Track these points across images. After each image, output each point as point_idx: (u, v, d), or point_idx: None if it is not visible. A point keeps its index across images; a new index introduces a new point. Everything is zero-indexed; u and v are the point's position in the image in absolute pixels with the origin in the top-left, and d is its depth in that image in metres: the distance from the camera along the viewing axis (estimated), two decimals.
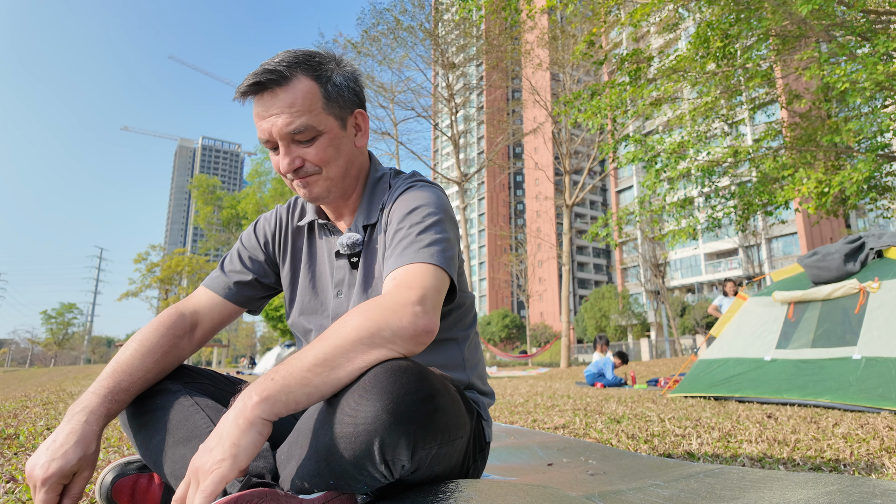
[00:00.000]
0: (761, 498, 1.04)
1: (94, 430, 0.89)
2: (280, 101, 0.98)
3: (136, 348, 1.00)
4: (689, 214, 10.15)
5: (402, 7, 19.13)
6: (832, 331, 3.75)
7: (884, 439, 2.06)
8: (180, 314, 1.10)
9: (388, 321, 0.81)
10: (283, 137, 0.99)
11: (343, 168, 1.07)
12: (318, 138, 1.01)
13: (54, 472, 0.83)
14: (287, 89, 0.98)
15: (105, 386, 0.94)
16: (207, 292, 1.17)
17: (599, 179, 20.94)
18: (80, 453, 0.86)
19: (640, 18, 8.93)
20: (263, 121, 0.99)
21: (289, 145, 1.00)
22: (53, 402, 3.94)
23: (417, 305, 0.84)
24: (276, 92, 0.98)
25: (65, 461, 0.84)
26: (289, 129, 0.98)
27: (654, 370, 11.06)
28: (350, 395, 0.78)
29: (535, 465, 1.66)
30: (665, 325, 25.88)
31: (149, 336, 1.02)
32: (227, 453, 0.70)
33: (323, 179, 1.04)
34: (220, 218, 39.02)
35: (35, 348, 70.22)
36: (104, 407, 0.92)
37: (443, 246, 0.97)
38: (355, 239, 1.09)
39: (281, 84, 0.98)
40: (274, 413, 0.74)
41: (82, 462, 0.86)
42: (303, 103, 0.98)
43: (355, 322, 0.81)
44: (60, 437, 0.86)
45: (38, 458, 0.84)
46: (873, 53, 6.72)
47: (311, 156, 1.01)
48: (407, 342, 0.82)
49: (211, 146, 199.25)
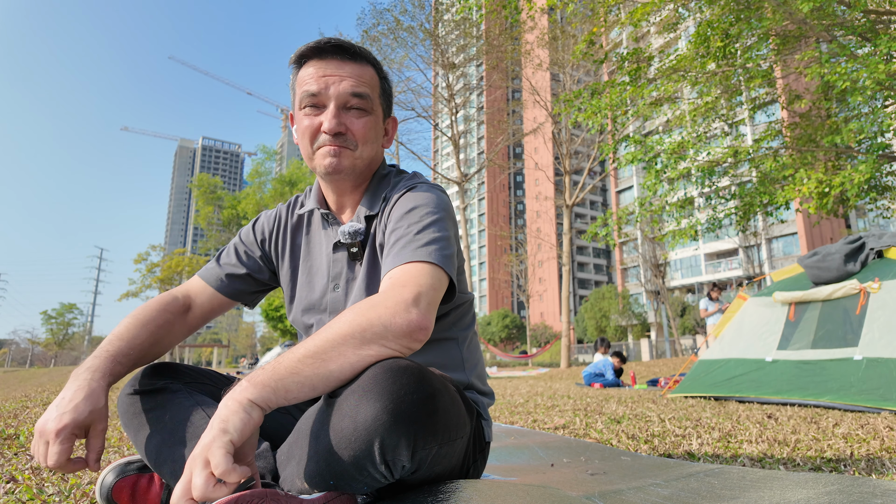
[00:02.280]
0: (761, 498, 1.04)
1: (102, 385, 0.91)
2: (349, 68, 1.05)
3: (131, 321, 1.04)
4: (689, 215, 10.16)
5: (402, 7, 19.12)
6: (833, 331, 3.75)
7: (884, 439, 2.06)
8: (174, 296, 1.14)
9: (379, 317, 0.81)
10: (341, 98, 1.03)
11: (371, 155, 1.11)
12: (368, 115, 1.06)
13: (68, 423, 0.84)
14: (357, 65, 1.06)
15: (106, 350, 0.97)
16: (200, 282, 1.19)
17: (599, 179, 20.94)
18: (91, 406, 0.87)
19: (640, 18, 8.94)
20: (323, 77, 1.03)
21: (339, 109, 1.03)
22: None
23: (412, 303, 0.84)
24: (345, 61, 1.05)
25: (77, 413, 0.85)
26: (354, 89, 1.03)
27: (654, 370, 11.06)
28: (350, 396, 0.78)
29: (535, 465, 1.66)
30: (665, 326, 25.87)
31: (143, 310, 1.07)
32: (217, 430, 0.69)
33: (355, 157, 1.07)
34: (221, 218, 39.06)
35: (35, 348, 70.22)
36: (108, 366, 0.94)
37: (440, 244, 0.97)
38: (357, 227, 1.09)
39: (355, 58, 1.06)
40: (264, 398, 0.73)
41: (94, 415, 0.87)
42: (369, 81, 1.07)
43: (347, 317, 0.81)
44: (68, 393, 0.87)
45: (49, 415, 0.85)
46: (875, 53, 6.73)
47: (357, 127, 1.05)
48: (400, 339, 0.82)
49: (211, 146, 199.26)
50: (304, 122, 1.05)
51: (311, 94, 1.03)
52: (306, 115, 1.05)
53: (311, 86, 1.03)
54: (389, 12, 19.01)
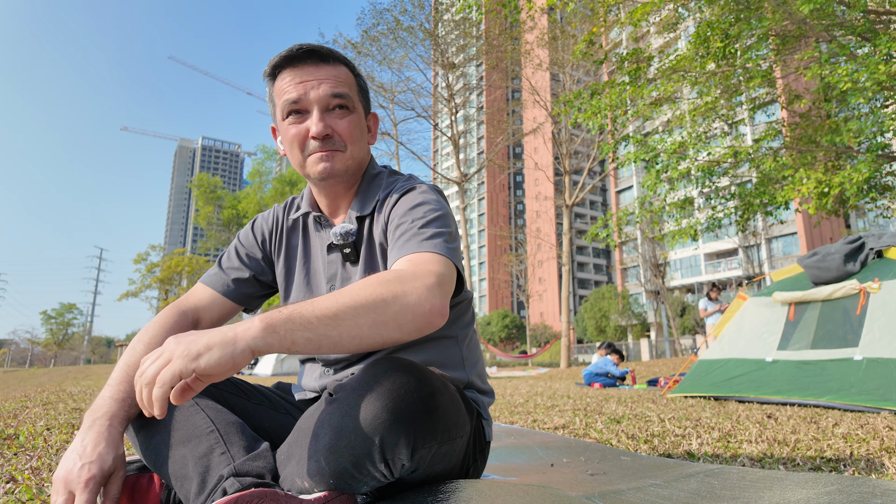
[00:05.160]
0: (761, 498, 1.04)
1: (120, 431, 0.90)
2: (324, 71, 1.04)
3: (144, 351, 1.00)
4: (689, 215, 10.16)
5: (402, 7, 19.09)
6: (833, 332, 3.75)
7: (884, 439, 2.06)
8: (182, 312, 1.10)
9: (405, 293, 0.80)
10: (322, 101, 1.03)
11: (361, 154, 1.11)
12: (351, 114, 1.07)
13: (95, 474, 0.82)
14: (331, 67, 1.06)
15: (122, 391, 0.94)
16: (206, 289, 1.17)
17: (599, 179, 20.95)
18: (114, 454, 0.86)
19: (640, 18, 8.93)
20: (300, 84, 1.03)
21: (322, 112, 1.04)
22: (53, 403, 3.94)
23: (435, 286, 0.84)
24: (320, 65, 1.04)
25: (102, 462, 0.84)
26: (333, 90, 1.03)
27: (654, 370, 11.06)
28: (350, 395, 0.78)
29: (535, 465, 1.66)
30: (665, 326, 25.87)
31: (156, 338, 1.02)
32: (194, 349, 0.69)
33: (346, 157, 1.07)
34: (221, 218, 39.07)
35: (35, 349, 70.16)
36: (123, 412, 0.92)
37: (446, 237, 0.98)
38: (349, 229, 1.09)
39: (327, 60, 1.06)
40: (266, 344, 0.71)
41: (115, 462, 0.86)
42: (346, 80, 1.07)
43: (373, 288, 0.79)
44: (90, 441, 0.86)
45: (72, 464, 0.83)
46: (874, 53, 6.72)
47: (342, 128, 1.05)
48: (416, 320, 0.80)
49: (211, 146, 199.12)
50: (291, 130, 1.04)
51: (293, 101, 1.02)
52: (291, 123, 1.04)
53: (290, 94, 1.02)
54: (389, 12, 19.01)
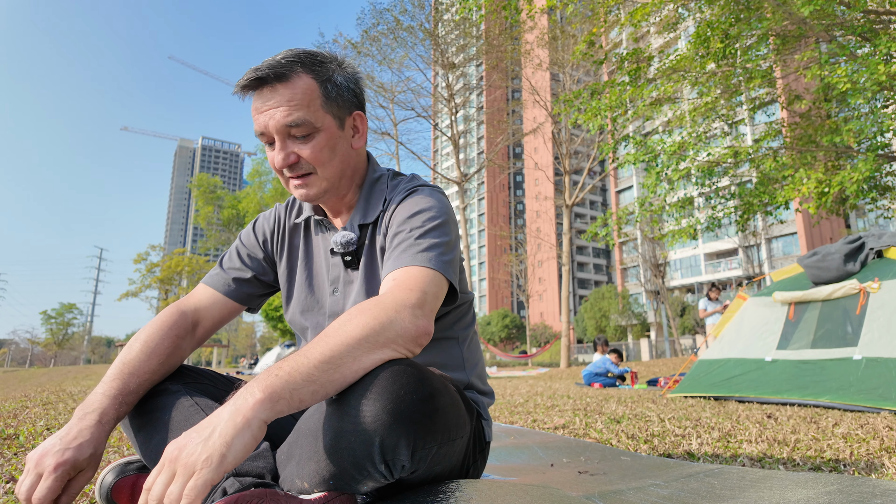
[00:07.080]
0: (761, 498, 1.04)
1: (106, 430, 0.89)
2: (279, 95, 0.98)
3: (140, 349, 0.99)
4: (689, 215, 10.16)
5: (402, 7, 19.10)
6: (833, 331, 3.75)
7: (884, 439, 2.06)
8: (182, 312, 1.09)
9: (392, 321, 0.81)
10: (280, 131, 0.98)
11: (339, 169, 1.06)
12: (315, 136, 1.00)
13: (68, 460, 0.82)
14: (287, 85, 0.98)
15: (115, 388, 0.94)
16: (208, 290, 1.17)
17: (599, 179, 20.94)
18: (91, 450, 0.85)
19: (640, 18, 8.93)
20: (261, 114, 0.99)
21: (284, 140, 1.00)
22: (53, 403, 3.93)
23: (417, 307, 0.85)
24: (276, 87, 0.98)
25: (79, 453, 0.83)
26: (286, 120, 0.97)
27: (654, 370, 11.06)
28: (350, 396, 0.78)
29: (535, 465, 1.66)
30: (665, 325, 25.89)
31: (153, 336, 1.02)
32: (217, 452, 0.65)
33: (319, 180, 1.04)
34: (221, 218, 39.05)
35: (35, 348, 70.17)
36: (114, 410, 0.92)
37: (441, 250, 0.97)
38: (349, 238, 1.09)
39: (281, 80, 0.98)
40: (276, 412, 0.70)
41: (91, 459, 0.86)
42: (302, 98, 0.98)
43: (360, 321, 0.80)
44: (74, 430, 0.86)
45: (51, 446, 0.83)
46: (874, 54, 6.72)
47: (307, 153, 1.00)
48: (408, 343, 0.83)
49: (211, 146, 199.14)
50: (269, 156, 1.04)
51: (259, 133, 1.01)
52: (268, 150, 1.04)
53: (256, 124, 1.00)
54: (389, 12, 19.01)
